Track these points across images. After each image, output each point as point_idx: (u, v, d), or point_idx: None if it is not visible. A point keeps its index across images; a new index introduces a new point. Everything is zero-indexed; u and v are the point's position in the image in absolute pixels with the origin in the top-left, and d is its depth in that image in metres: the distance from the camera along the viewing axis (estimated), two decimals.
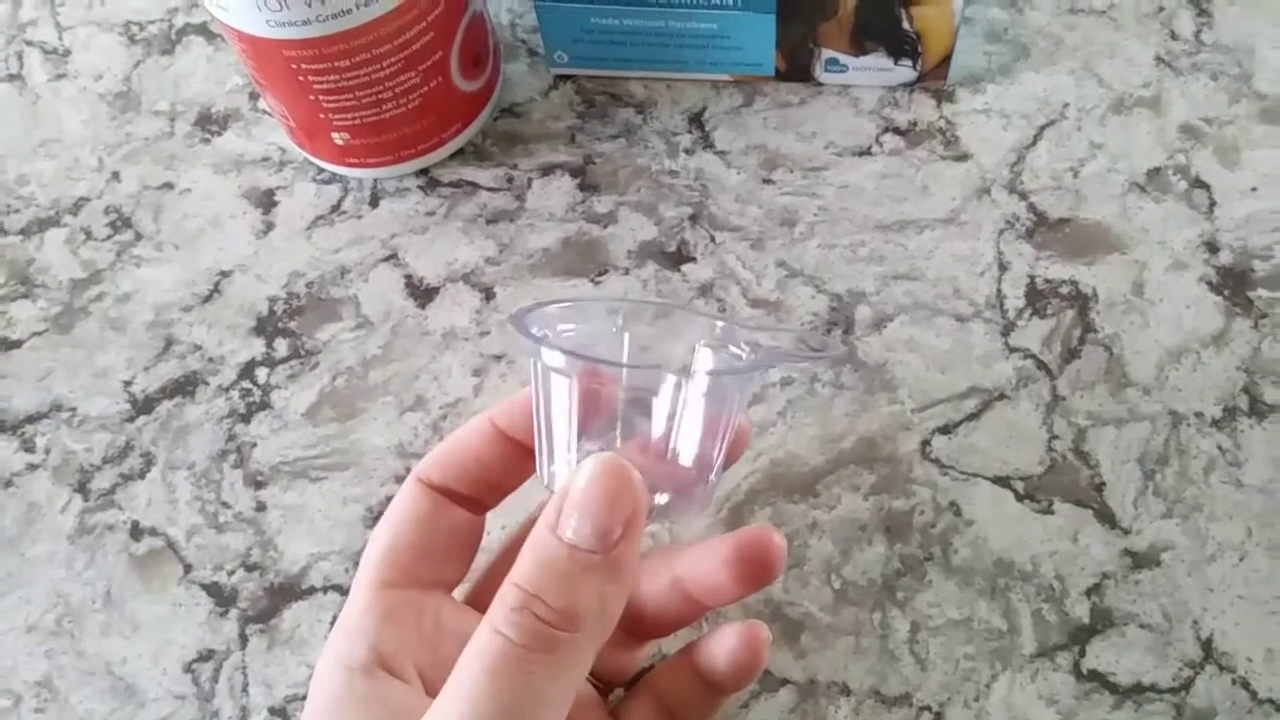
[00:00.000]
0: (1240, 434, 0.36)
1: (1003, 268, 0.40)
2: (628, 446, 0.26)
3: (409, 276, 0.42)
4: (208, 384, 0.40)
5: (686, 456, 0.26)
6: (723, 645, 0.27)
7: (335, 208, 0.43)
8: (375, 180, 0.44)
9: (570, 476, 0.23)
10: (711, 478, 0.27)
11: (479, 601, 0.30)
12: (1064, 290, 0.39)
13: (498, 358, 0.40)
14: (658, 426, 0.26)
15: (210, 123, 0.46)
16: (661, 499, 0.26)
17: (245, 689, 0.35)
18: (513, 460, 0.29)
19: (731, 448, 0.28)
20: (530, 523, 0.30)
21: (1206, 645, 0.34)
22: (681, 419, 0.26)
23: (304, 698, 0.34)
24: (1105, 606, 0.34)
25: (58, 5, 0.50)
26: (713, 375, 0.27)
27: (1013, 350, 0.38)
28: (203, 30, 0.49)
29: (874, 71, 0.43)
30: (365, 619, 0.26)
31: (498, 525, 0.35)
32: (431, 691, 0.26)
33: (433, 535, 0.28)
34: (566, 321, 0.29)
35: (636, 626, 0.29)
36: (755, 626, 0.27)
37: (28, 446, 0.39)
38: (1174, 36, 0.44)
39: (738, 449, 0.29)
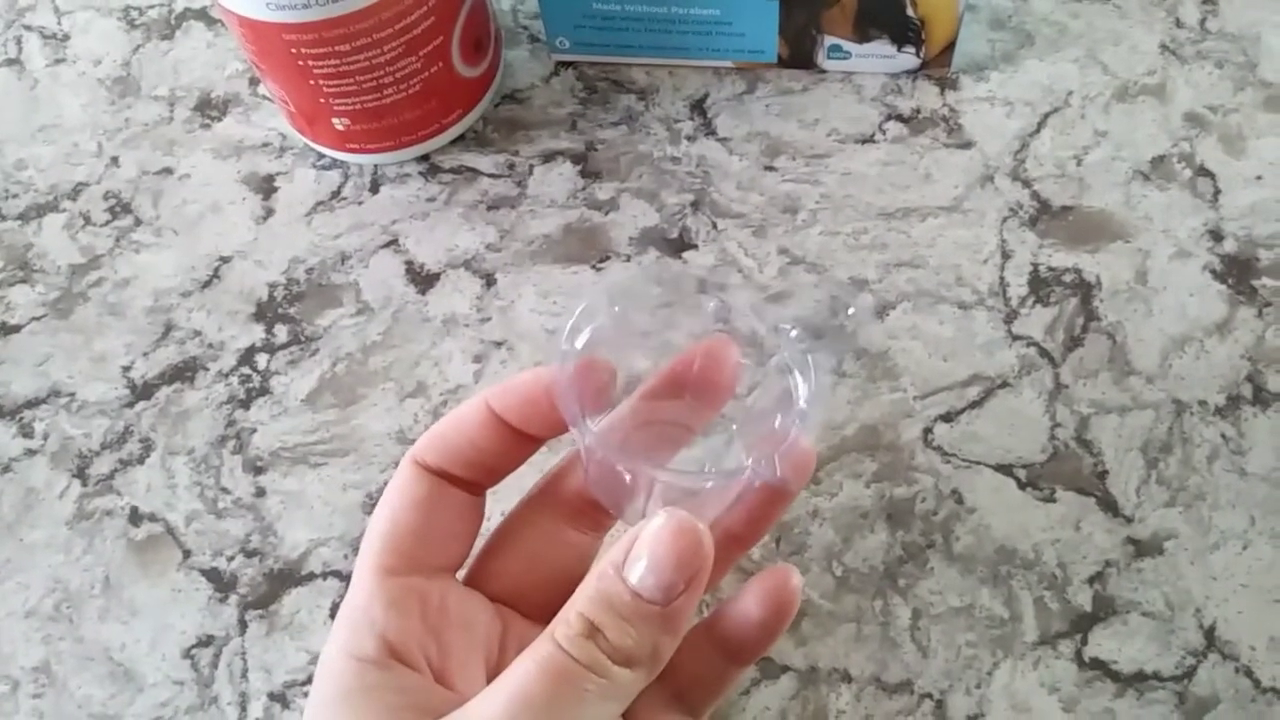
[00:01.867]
0: (1244, 422, 0.36)
1: (1006, 255, 0.40)
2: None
3: (409, 263, 0.41)
4: (207, 370, 0.40)
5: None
6: (753, 590, 0.27)
7: (335, 193, 0.43)
8: (376, 166, 0.43)
9: (643, 525, 0.24)
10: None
11: (478, 583, 0.29)
12: (1067, 278, 0.39)
13: (498, 344, 0.40)
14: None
15: (210, 108, 0.46)
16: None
17: (244, 674, 0.35)
18: (509, 445, 0.28)
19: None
20: (526, 503, 0.30)
21: (1209, 634, 0.33)
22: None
23: (303, 683, 0.34)
24: (1108, 594, 0.34)
25: None
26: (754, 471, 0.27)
27: (1015, 338, 0.38)
28: (202, 15, 0.48)
29: (877, 58, 0.43)
30: (371, 607, 0.26)
31: (497, 510, 0.34)
32: (439, 678, 0.26)
33: (433, 518, 0.28)
34: (587, 321, 0.28)
35: None
36: (787, 568, 0.28)
37: (26, 432, 0.39)
38: (1179, 24, 0.44)
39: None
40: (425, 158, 0.43)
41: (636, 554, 0.23)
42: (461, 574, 0.30)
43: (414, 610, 0.27)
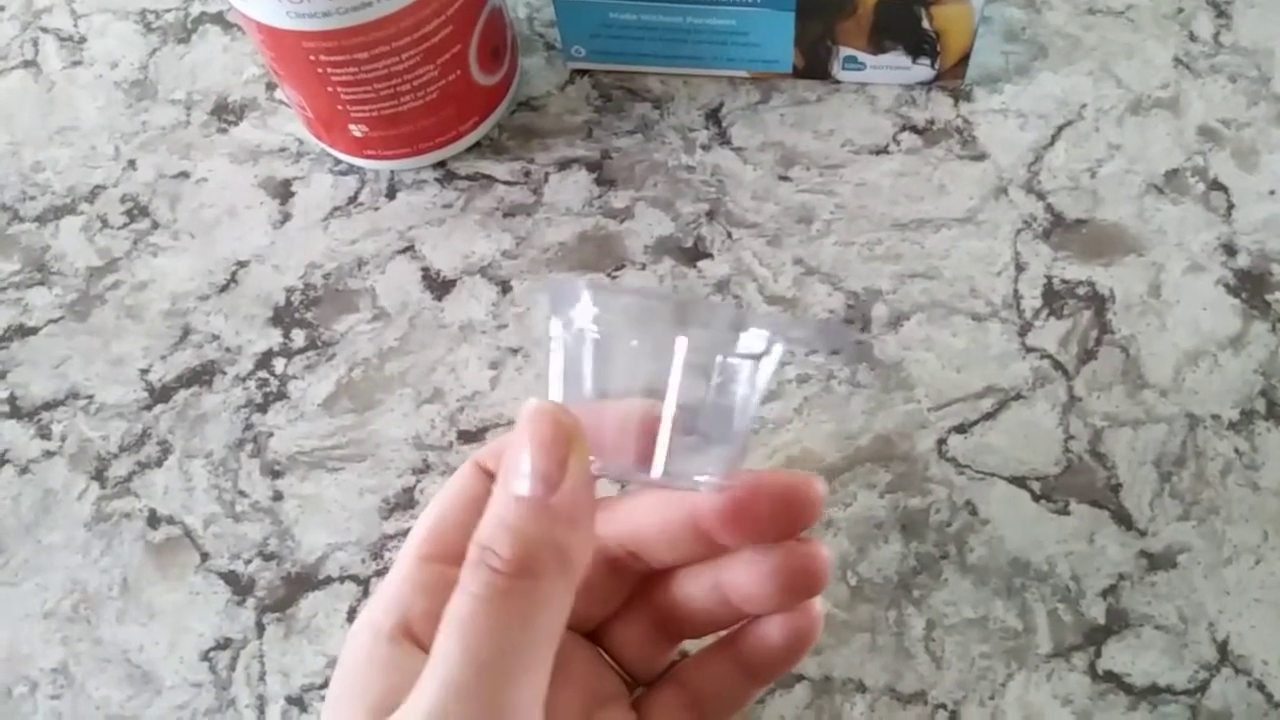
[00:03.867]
0: (1257, 437, 0.36)
1: (1020, 268, 0.40)
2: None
3: (426, 269, 0.42)
4: (225, 373, 0.40)
5: (706, 429, 0.26)
6: (777, 615, 0.27)
7: (352, 199, 0.43)
8: (392, 172, 0.44)
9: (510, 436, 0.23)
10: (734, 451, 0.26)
11: None
12: (1081, 291, 0.40)
13: (514, 350, 0.40)
14: (675, 397, 0.25)
15: (227, 112, 0.46)
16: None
17: (262, 677, 0.35)
18: None
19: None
20: None
21: (1222, 647, 0.34)
22: (702, 394, 0.26)
23: (320, 686, 0.35)
24: (1121, 607, 0.34)
25: None
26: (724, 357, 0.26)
27: (1029, 350, 0.39)
28: (219, 19, 0.49)
29: (892, 70, 0.43)
30: (401, 588, 0.27)
31: None
32: None
33: (479, 516, 0.28)
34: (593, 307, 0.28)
35: (674, 626, 0.29)
36: (810, 602, 0.27)
37: (44, 434, 0.39)
38: (1193, 38, 0.44)
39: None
40: (442, 164, 0.44)
41: (507, 460, 0.23)
42: None
43: (441, 596, 0.27)
